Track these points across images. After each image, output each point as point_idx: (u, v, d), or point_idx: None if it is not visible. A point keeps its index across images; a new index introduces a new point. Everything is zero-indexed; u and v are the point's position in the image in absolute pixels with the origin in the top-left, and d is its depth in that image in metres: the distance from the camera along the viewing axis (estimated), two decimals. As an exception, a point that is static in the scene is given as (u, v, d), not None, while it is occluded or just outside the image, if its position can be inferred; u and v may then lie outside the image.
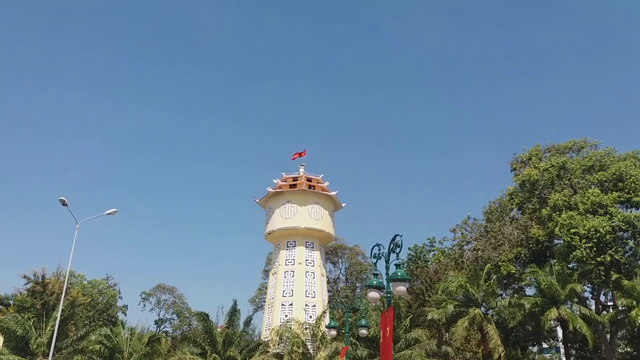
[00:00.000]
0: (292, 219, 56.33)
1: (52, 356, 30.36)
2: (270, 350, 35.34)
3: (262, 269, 74.62)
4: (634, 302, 35.15)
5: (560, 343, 52.15)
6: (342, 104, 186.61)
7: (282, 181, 59.60)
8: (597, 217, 36.50)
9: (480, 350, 37.87)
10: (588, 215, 37.12)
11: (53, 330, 31.46)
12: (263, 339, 43.99)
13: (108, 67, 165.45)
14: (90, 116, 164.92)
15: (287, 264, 55.99)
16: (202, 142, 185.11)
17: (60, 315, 31.61)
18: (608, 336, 40.45)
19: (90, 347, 34.86)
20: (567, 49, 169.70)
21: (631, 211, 38.78)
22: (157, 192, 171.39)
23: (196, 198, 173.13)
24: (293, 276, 55.20)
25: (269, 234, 57.82)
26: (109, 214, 32.58)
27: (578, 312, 36.59)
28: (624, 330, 43.11)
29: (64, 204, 30.91)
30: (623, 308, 37.89)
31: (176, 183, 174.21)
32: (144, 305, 75.56)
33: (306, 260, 56.12)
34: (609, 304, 44.07)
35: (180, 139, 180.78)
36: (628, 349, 51.11)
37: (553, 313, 35.31)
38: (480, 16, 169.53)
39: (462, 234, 48.13)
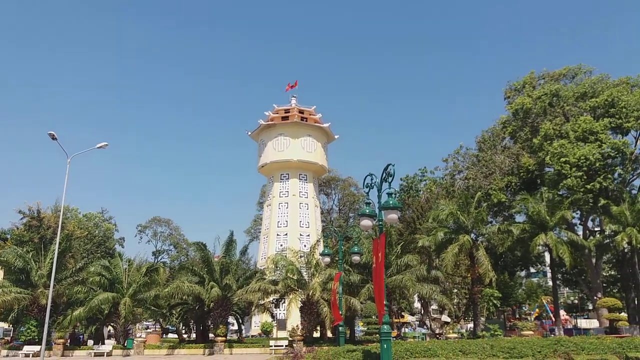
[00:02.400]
0: (285, 151, 56.22)
1: (53, 287, 30.99)
2: (267, 277, 36.24)
3: (256, 201, 75.46)
4: (621, 227, 36.00)
5: (548, 267, 53.93)
6: (334, 30, 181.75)
7: (273, 113, 58.90)
8: (588, 145, 36.60)
9: (469, 275, 39.03)
10: (579, 143, 37.20)
11: (52, 263, 31.91)
12: (259, 268, 45.09)
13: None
14: (79, 30, 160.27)
15: (281, 195, 56.49)
16: (196, 76, 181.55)
17: (58, 248, 31.98)
18: (594, 260, 41.73)
19: (91, 279, 35.62)
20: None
21: (621, 138, 38.87)
22: (149, 126, 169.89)
23: (188, 130, 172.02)
24: (287, 208, 55.85)
25: (262, 166, 57.87)
26: (100, 147, 32.19)
27: (566, 238, 37.43)
28: (609, 255, 44.43)
29: (54, 138, 30.43)
30: (609, 233, 38.85)
31: (167, 115, 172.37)
32: (141, 238, 76.77)
33: (300, 192, 56.58)
34: (596, 229, 45.12)
35: (174, 72, 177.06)
36: (612, 272, 52.98)
37: (541, 239, 36.14)
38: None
39: (454, 163, 48.31)
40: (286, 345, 32.17)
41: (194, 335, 43.07)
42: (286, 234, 54.38)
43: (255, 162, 59.84)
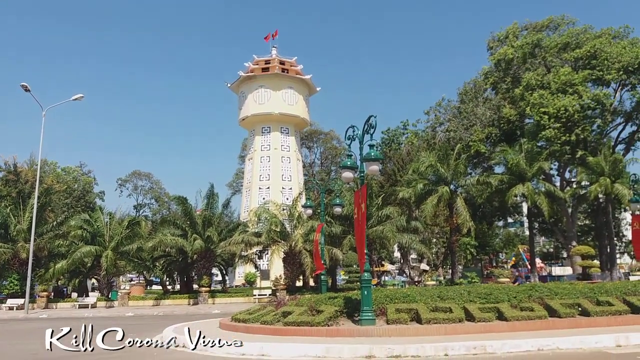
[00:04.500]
0: (265, 104, 55.47)
1: (34, 241, 30.90)
2: (250, 230, 36.57)
3: (238, 154, 75.11)
4: (595, 178, 36.78)
5: (525, 217, 55.22)
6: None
7: (253, 64, 57.71)
8: (567, 97, 36.78)
9: (447, 225, 39.83)
10: (559, 94, 37.35)
11: (31, 217, 31.70)
12: (242, 220, 45.39)
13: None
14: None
15: (263, 149, 56.17)
16: (174, 23, 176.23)
17: (37, 202, 31.68)
18: (570, 210, 42.78)
19: (72, 232, 35.52)
20: None
21: (602, 89, 39.07)
22: (127, 78, 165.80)
23: (167, 82, 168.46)
24: (269, 161, 55.69)
25: (243, 119, 57.19)
26: (76, 99, 31.54)
27: (543, 189, 38.15)
28: (585, 205, 45.53)
29: (27, 90, 29.71)
30: (585, 184, 39.70)
31: (148, 68, 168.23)
32: (121, 192, 76.26)
33: (281, 145, 56.30)
34: (573, 180, 46.01)
35: (152, 22, 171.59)
36: (587, 222, 54.53)
37: (517, 189, 36.85)
38: None
39: (435, 115, 48.30)
40: (270, 294, 32.83)
41: (178, 287, 43.66)
42: (268, 188, 54.47)
43: (236, 115, 59.11)
